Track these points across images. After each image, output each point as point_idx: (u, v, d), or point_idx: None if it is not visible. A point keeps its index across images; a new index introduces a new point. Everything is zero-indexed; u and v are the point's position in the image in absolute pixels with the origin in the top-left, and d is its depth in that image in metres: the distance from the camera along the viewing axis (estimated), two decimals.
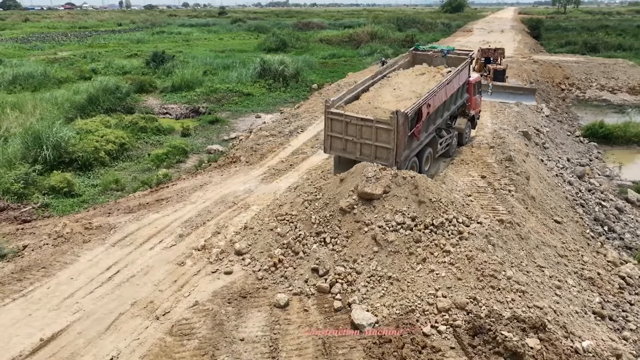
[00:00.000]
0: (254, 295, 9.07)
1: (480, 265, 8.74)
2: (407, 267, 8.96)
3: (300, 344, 7.82)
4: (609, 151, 20.98)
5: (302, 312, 8.60)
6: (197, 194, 13.76)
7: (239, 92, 32.78)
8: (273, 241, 10.32)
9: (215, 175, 15.46)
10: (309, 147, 17.64)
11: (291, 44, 56.54)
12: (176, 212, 12.50)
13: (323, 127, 17.70)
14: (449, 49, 15.55)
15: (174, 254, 10.54)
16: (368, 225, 9.70)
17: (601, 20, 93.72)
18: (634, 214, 14.69)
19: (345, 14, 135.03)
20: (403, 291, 8.59)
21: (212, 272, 9.85)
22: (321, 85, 34.39)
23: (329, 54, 51.19)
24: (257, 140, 18.56)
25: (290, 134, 18.96)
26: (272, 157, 16.92)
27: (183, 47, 58.59)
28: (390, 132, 10.97)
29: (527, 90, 23.27)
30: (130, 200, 14.52)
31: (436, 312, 8.11)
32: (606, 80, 32.81)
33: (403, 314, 8.15)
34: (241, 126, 25.60)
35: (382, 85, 13.18)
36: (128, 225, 11.71)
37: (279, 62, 35.32)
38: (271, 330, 8.15)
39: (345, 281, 9.07)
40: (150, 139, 22.46)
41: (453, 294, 8.32)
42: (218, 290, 9.22)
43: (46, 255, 10.52)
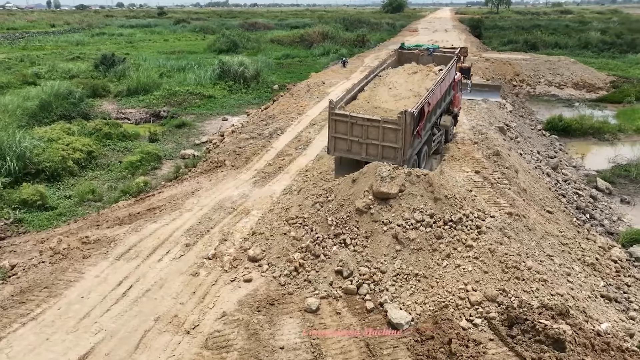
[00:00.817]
0: (281, 301, 8.91)
1: (502, 257, 9.05)
2: (432, 263, 9.12)
3: (343, 347, 7.77)
4: (569, 143, 22.28)
5: (335, 315, 8.54)
6: (191, 201, 13.30)
7: (199, 94, 32.01)
8: (289, 245, 10.17)
9: (203, 181, 15.00)
10: (293, 148, 17.50)
11: (242, 45, 55.83)
12: (175, 221, 12.03)
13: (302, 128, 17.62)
14: (434, 47, 15.94)
15: (185, 264, 10.15)
16: (387, 224, 9.77)
17: (533, 20, 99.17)
18: (606, 202, 15.71)
19: (289, 14, 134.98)
20: (433, 287, 8.74)
21: (231, 280, 9.58)
22: (282, 86, 34.25)
23: (283, 55, 51.01)
24: (238, 143, 18.20)
25: (271, 136, 18.73)
26: (257, 160, 16.64)
27: (128, 49, 56.32)
28: (398, 132, 11.10)
29: (492, 87, 24.31)
30: (115, 211, 13.83)
31: (469, 305, 8.32)
32: (552, 76, 34.84)
33: (437, 310, 8.30)
34: (209, 129, 25.03)
35: (377, 85, 13.31)
36: (128, 237, 11.13)
37: (239, 63, 34.80)
38: (308, 336, 8.04)
39: (372, 281, 9.10)
40: (117, 146, 21.51)
41: (482, 287, 8.57)
42: (243, 299, 8.98)
43: (45, 274, 9.82)
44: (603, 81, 34.55)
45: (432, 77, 13.30)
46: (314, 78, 29.80)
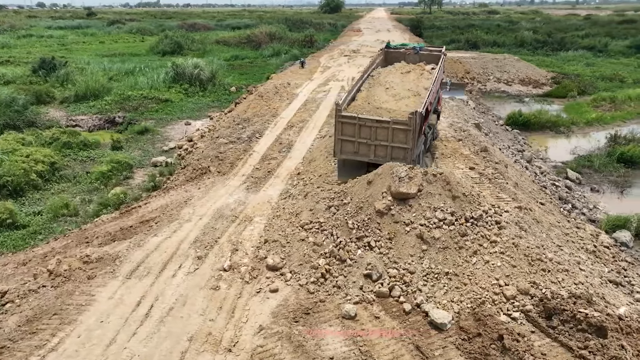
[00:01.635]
0: (315, 310, 8.69)
1: (525, 251, 9.33)
2: (461, 261, 9.23)
3: (394, 352, 7.69)
4: (530, 137, 23.44)
5: (374, 319, 8.44)
6: (187, 211, 12.69)
7: (155, 98, 30.69)
8: (310, 251, 9.95)
9: (192, 189, 14.37)
10: (276, 152, 17.18)
11: (187, 47, 54.21)
12: (177, 233, 11.42)
13: (280, 130, 17.38)
14: (420, 46, 16.17)
15: (202, 278, 9.65)
16: (409, 224, 9.79)
17: (466, 20, 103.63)
18: (580, 191, 16.66)
19: (227, 15, 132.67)
20: (466, 285, 8.85)
21: (257, 292, 9.22)
22: (240, 88, 33.61)
23: (231, 56, 50.01)
24: (218, 148, 17.59)
25: (250, 140, 18.28)
26: (241, 165, 16.18)
27: (62, 52, 52.98)
28: (408, 132, 11.14)
29: (458, 85, 25.03)
30: (100, 226, 12.94)
31: (505, 300, 8.51)
32: (500, 73, 36.55)
33: (475, 306, 8.42)
34: (173, 135, 24.06)
35: (372, 85, 13.30)
36: (133, 254, 10.43)
37: (194, 65, 33.73)
38: (354, 343, 7.89)
39: (402, 282, 9.08)
40: (79, 156, 20.20)
41: (514, 281, 8.79)
42: (276, 310, 8.67)
43: (49, 299, 8.98)
44: (545, 77, 36.69)
45: (426, 76, 13.51)
46: (276, 79, 29.42)
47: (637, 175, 18.39)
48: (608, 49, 51.75)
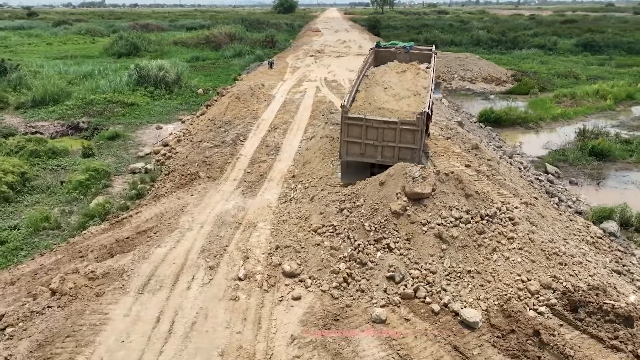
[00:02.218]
0: (343, 315, 8.53)
1: (541, 245, 9.54)
2: (481, 258, 9.32)
3: (433, 354, 7.65)
4: (502, 133, 24.15)
5: (405, 322, 8.38)
6: (185, 219, 12.20)
7: (120, 102, 29.46)
8: (328, 256, 9.78)
9: (184, 196, 13.83)
10: (264, 154, 16.86)
11: (144, 48, 52.53)
12: (181, 243, 10.95)
13: (264, 133, 17.14)
14: (410, 45, 16.24)
15: (218, 289, 9.29)
16: (425, 224, 9.80)
17: (419, 19, 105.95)
18: (561, 184, 17.30)
19: (178, 15, 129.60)
20: (489, 282, 8.94)
21: (279, 300, 8.97)
22: (207, 90, 32.85)
23: (191, 57, 48.75)
24: (203, 152, 17.06)
25: (235, 143, 17.84)
26: (230, 169, 15.76)
27: (7, 54, 50.02)
28: (416, 133, 11.16)
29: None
30: (91, 239, 12.23)
31: (529, 295, 8.65)
32: (464, 72, 37.52)
33: (503, 303, 8.51)
34: (146, 140, 23.13)
35: (369, 85, 13.25)
36: (139, 267, 9.90)
37: (158, 67, 32.63)
38: (391, 348, 7.80)
39: (425, 283, 9.07)
40: (48, 165, 19.07)
41: (535, 276, 8.96)
42: (303, 318, 8.46)
43: (58, 320, 8.37)
44: (505, 75, 37.96)
45: (422, 75, 13.59)
46: (248, 80, 28.91)
47: (608, 167, 19.29)
48: (557, 47, 54.20)
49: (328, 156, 14.35)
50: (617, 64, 43.68)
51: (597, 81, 34.98)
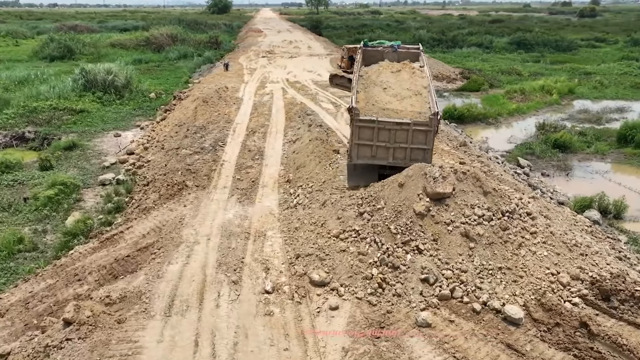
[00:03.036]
0: (387, 322, 8.35)
1: (561, 237, 9.86)
2: (509, 254, 9.47)
3: (488, 353, 7.65)
4: (466, 129, 24.93)
5: (450, 323, 8.34)
6: (187, 232, 11.50)
7: (67, 109, 27.46)
8: (356, 262, 9.55)
9: (176, 207, 13.05)
10: (249, 159, 16.31)
11: (78, 50, 49.51)
12: (193, 258, 10.29)
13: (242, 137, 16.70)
14: (398, 44, 16.21)
15: (249, 305, 8.80)
16: (450, 224, 9.83)
17: (357, 20, 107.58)
18: (537, 176, 18.08)
19: (107, 16, 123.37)
20: (522, 277, 9.10)
21: (317, 312, 8.63)
22: (159, 95, 31.44)
23: (133, 60, 46.44)
24: (184, 160, 16.20)
25: (214, 149, 17.11)
26: (217, 176, 15.08)
27: None
28: (429, 133, 11.16)
29: None
30: (81, 260, 11.23)
31: (562, 287, 8.89)
32: None
33: (539, 297, 8.69)
34: (106, 148, 21.69)
35: (367, 86, 13.09)
36: (156, 287, 9.16)
37: (106, 71, 30.76)
38: (446, 351, 7.72)
39: (459, 282, 9.08)
40: (2, 180, 17.37)
41: (563, 268, 9.23)
42: (348, 328, 8.18)
43: (83, 354, 7.54)
44: (454, 73, 39.34)
45: (419, 75, 13.64)
46: (207, 83, 27.90)
47: (571, 158, 20.41)
48: (493, 45, 56.95)
49: (324, 159, 14.09)
50: (551, 61, 46.53)
51: (538, 77, 37.06)
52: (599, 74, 38.86)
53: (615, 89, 34.11)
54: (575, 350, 7.61)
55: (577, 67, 42.33)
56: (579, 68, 41.68)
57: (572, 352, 7.57)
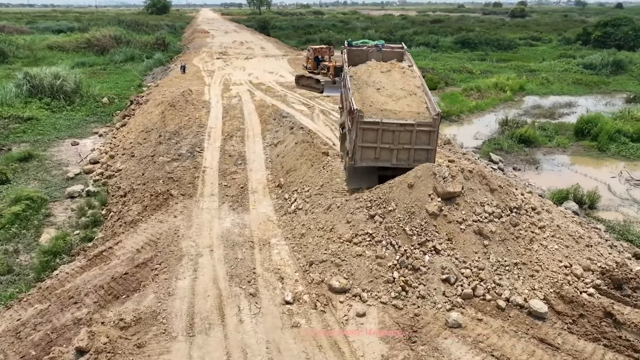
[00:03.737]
0: (417, 325, 8.27)
1: (566, 230, 10.19)
2: (522, 250, 9.66)
3: (524, 349, 7.73)
4: None
5: (479, 322, 8.37)
6: (186, 244, 10.91)
7: (13, 117, 25.52)
8: (375, 266, 9.41)
9: (167, 218, 12.36)
10: (231, 165, 15.77)
11: (12, 53, 46.23)
12: (200, 272, 9.76)
13: (219, 142, 16.30)
14: (382, 44, 16.13)
15: (273, 318, 8.45)
16: (462, 222, 9.90)
17: (302, 20, 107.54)
18: (511, 172, 18.70)
19: (35, 16, 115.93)
20: (538, 272, 9.30)
21: (345, 320, 8.41)
22: (112, 100, 29.92)
23: (76, 63, 43.92)
24: (163, 167, 15.40)
25: (192, 155, 16.40)
26: (202, 183, 14.47)
27: None
28: (432, 134, 11.16)
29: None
30: (71, 281, 10.41)
31: (577, 279, 9.18)
32: None
33: (558, 290, 8.91)
34: (65, 158, 20.33)
35: (359, 86, 12.93)
36: (170, 305, 8.59)
37: (53, 75, 28.84)
38: (483, 351, 7.73)
39: (479, 280, 9.16)
40: None
41: (574, 260, 9.54)
42: (382, 335, 8.03)
43: None
44: None
45: (410, 75, 13.64)
46: (168, 86, 26.74)
47: (536, 152, 21.31)
48: (439, 44, 58.70)
49: (316, 162, 13.85)
50: (497, 59, 48.55)
51: (489, 75, 38.53)
52: (542, 71, 40.92)
53: (560, 85, 36.05)
54: (604, 340, 7.85)
55: (521, 64, 44.36)
56: (523, 66, 43.69)
57: (602, 342, 7.81)
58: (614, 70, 39.94)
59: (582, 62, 42.19)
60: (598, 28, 57.69)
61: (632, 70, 40.45)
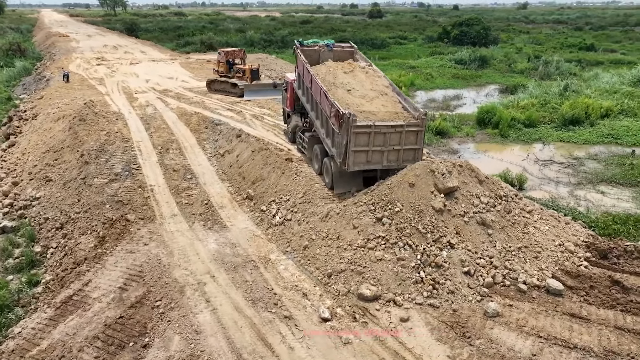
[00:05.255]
0: (462, 321, 8.41)
1: (546, 212, 11.16)
2: (521, 234, 10.34)
3: (562, 325, 8.29)
4: None
5: (512, 308, 8.76)
6: (179, 273, 9.74)
7: None
8: (399, 268, 9.35)
9: (137, 248, 10.89)
10: (180, 180, 14.46)
11: None
12: (216, 301, 8.78)
13: (155, 157, 15.37)
14: (332, 43, 15.78)
15: (322, 339, 7.96)
16: (464, 215, 10.29)
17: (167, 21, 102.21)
18: None
19: None
20: (540, 253, 10.04)
21: (391, 328, 8.22)
22: None
23: None
24: (102, 190, 13.51)
25: (131, 174, 14.65)
26: (156, 204, 13.04)
27: None
28: (420, 133, 11.32)
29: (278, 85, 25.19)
30: (45, 338, 8.73)
31: (571, 254, 10.11)
32: (269, 71, 38.42)
33: (561, 267, 9.73)
34: None
35: (329, 89, 12.55)
36: (206, 344, 7.56)
37: None
38: (529, 334, 8.12)
39: (494, 268, 9.63)
40: None
41: (564, 238, 10.49)
42: (436, 336, 8.02)
43: None
44: None
45: (374, 74, 13.62)
46: (56, 98, 23.36)
47: (451, 142, 22.99)
48: None
49: (286, 170, 13.28)
50: (379, 57, 51.31)
51: None
52: (421, 67, 44.24)
53: (442, 79, 39.30)
54: (618, 306, 8.77)
55: (401, 62, 47.48)
56: (403, 63, 46.79)
57: (618, 309, 8.71)
58: (480, 65, 44.71)
59: (453, 58, 46.48)
60: (455, 27, 64.07)
61: (494, 65, 45.68)
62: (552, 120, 25.02)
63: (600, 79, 34.38)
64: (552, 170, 18.78)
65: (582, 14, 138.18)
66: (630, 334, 8.09)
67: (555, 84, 32.29)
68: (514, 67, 43.62)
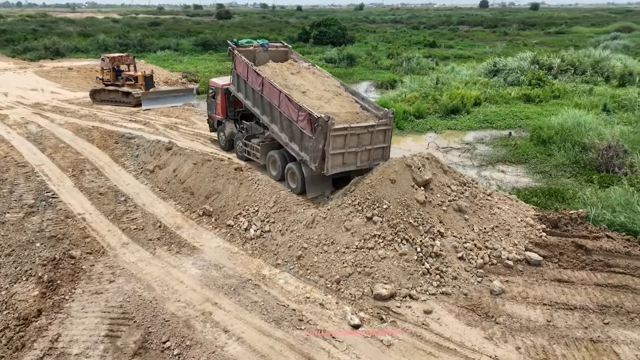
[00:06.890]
0: (476, 304, 8.88)
1: (503, 193, 12.31)
2: (489, 215, 11.21)
3: (555, 290, 9.25)
4: None
5: (509, 283, 9.50)
6: (174, 307, 8.63)
7: None
8: (404, 263, 9.53)
9: (102, 288, 9.34)
10: (113, 204, 12.79)
11: None
12: (234, 331, 7.98)
13: (70, 181, 14.21)
14: (266, 43, 14.95)
15: (363, 345, 7.79)
16: (441, 204, 10.86)
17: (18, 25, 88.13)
18: None
19: None
20: (510, 229, 11.03)
21: (422, 323, 8.37)
22: None
23: None
24: (22, 227, 11.27)
25: (48, 203, 12.46)
26: (99, 235, 11.36)
27: None
28: (388, 132, 11.47)
29: (187, 91, 23.33)
30: None
31: (531, 227, 11.31)
32: None
33: (530, 240, 10.85)
34: None
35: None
36: None
37: None
38: (534, 303, 8.91)
39: (478, 249, 10.34)
40: None
41: (521, 215, 11.67)
42: (465, 321, 8.37)
43: None
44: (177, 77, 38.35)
45: (321, 75, 13.32)
46: None
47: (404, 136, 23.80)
48: (181, 47, 57.55)
49: (243, 180, 12.53)
50: None
51: None
52: None
53: None
54: (587, 266, 10.07)
55: None
56: None
57: (588, 268, 10.01)
58: (349, 63, 47.00)
59: (323, 57, 48.10)
60: (314, 27, 66.30)
61: (361, 62, 48.40)
62: (436, 111, 27.41)
63: (458, 72, 38.65)
64: (455, 156, 20.57)
65: (412, 15, 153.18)
66: (607, 288, 9.38)
67: (428, 78, 35.39)
68: (380, 63, 46.68)
